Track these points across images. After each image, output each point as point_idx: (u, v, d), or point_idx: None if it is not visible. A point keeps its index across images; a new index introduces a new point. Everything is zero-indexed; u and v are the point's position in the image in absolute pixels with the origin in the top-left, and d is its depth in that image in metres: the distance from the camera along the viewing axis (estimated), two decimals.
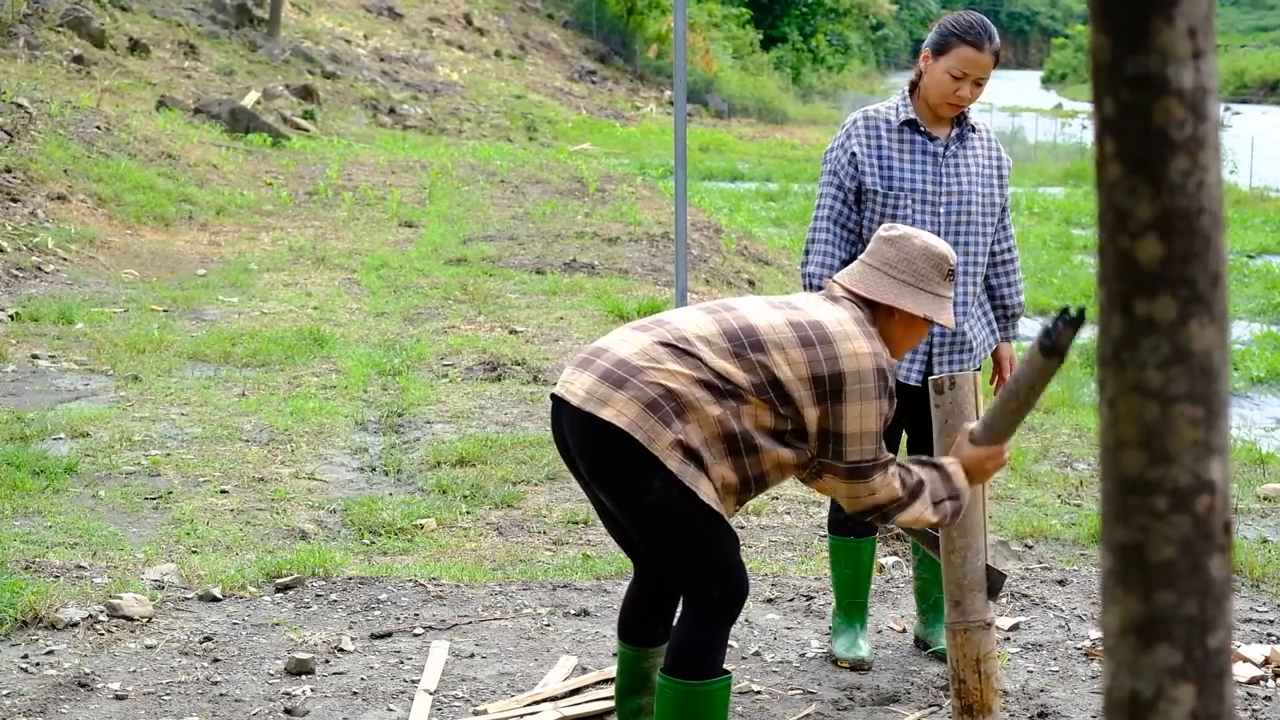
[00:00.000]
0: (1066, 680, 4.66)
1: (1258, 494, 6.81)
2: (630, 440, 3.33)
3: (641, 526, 3.44)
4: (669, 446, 3.33)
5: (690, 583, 3.48)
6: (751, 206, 20.05)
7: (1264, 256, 16.30)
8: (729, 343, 3.43)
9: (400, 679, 4.52)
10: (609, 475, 3.40)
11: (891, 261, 3.61)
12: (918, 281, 3.60)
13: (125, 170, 15.13)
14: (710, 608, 3.46)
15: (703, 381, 3.38)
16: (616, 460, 3.36)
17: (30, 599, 4.83)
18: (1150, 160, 1.34)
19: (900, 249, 3.62)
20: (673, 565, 3.50)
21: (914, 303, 3.59)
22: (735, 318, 3.50)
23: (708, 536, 3.42)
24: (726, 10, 47.58)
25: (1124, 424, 1.37)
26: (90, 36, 21.23)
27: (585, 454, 3.44)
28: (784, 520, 6.26)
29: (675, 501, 3.35)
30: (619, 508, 3.45)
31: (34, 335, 9.19)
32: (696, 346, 3.42)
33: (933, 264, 3.61)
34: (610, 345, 3.51)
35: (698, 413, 3.36)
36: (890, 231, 3.68)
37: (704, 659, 3.48)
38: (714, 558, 3.45)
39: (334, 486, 6.55)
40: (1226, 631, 1.39)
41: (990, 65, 4.53)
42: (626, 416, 3.34)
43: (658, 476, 3.33)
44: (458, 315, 10.63)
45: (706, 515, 3.39)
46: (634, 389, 3.36)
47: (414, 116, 27.19)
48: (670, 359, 3.40)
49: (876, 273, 3.61)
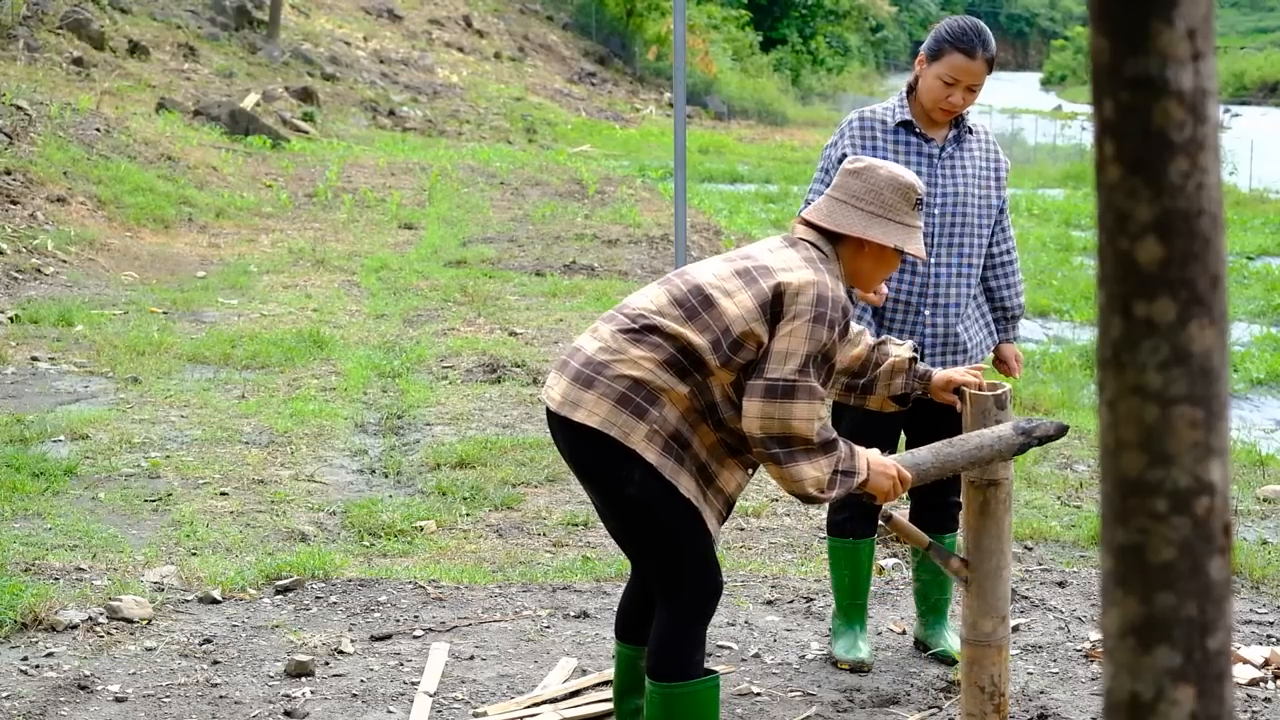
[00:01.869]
0: (1066, 682, 4.66)
1: (1257, 496, 6.81)
2: (606, 438, 3.39)
3: (624, 521, 3.50)
4: (645, 438, 3.38)
5: (665, 579, 3.51)
6: (751, 208, 20.05)
7: (1263, 258, 16.30)
8: (680, 309, 3.46)
9: (400, 681, 4.52)
10: (593, 472, 3.47)
11: (858, 193, 3.60)
12: (885, 212, 3.58)
13: (125, 172, 15.13)
14: (683, 606, 3.49)
15: (667, 362, 3.41)
16: (598, 457, 3.43)
17: (30, 601, 4.83)
18: (1150, 162, 1.34)
19: (866, 180, 3.60)
20: (650, 560, 3.54)
21: (883, 233, 3.57)
22: (684, 281, 3.53)
23: (684, 533, 3.45)
24: (726, 12, 47.60)
25: (1124, 426, 1.37)
26: (90, 39, 21.24)
27: (570, 454, 3.52)
28: (784, 522, 6.26)
29: (655, 495, 3.40)
30: (605, 504, 3.52)
31: (34, 337, 9.19)
32: (654, 320, 3.45)
33: (900, 193, 3.59)
34: (581, 344, 3.56)
35: (668, 394, 3.41)
36: (855, 164, 3.66)
37: (682, 659, 3.50)
38: (689, 554, 3.48)
39: (334, 488, 6.55)
40: (1226, 633, 1.39)
41: (983, 73, 4.53)
42: (598, 415, 3.39)
43: (637, 469, 3.38)
44: (457, 317, 10.63)
45: (686, 511, 3.43)
46: (602, 386, 3.41)
47: (413, 118, 27.20)
48: (632, 345, 3.44)
49: (843, 205, 3.60)
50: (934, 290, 4.55)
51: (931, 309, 4.56)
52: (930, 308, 4.56)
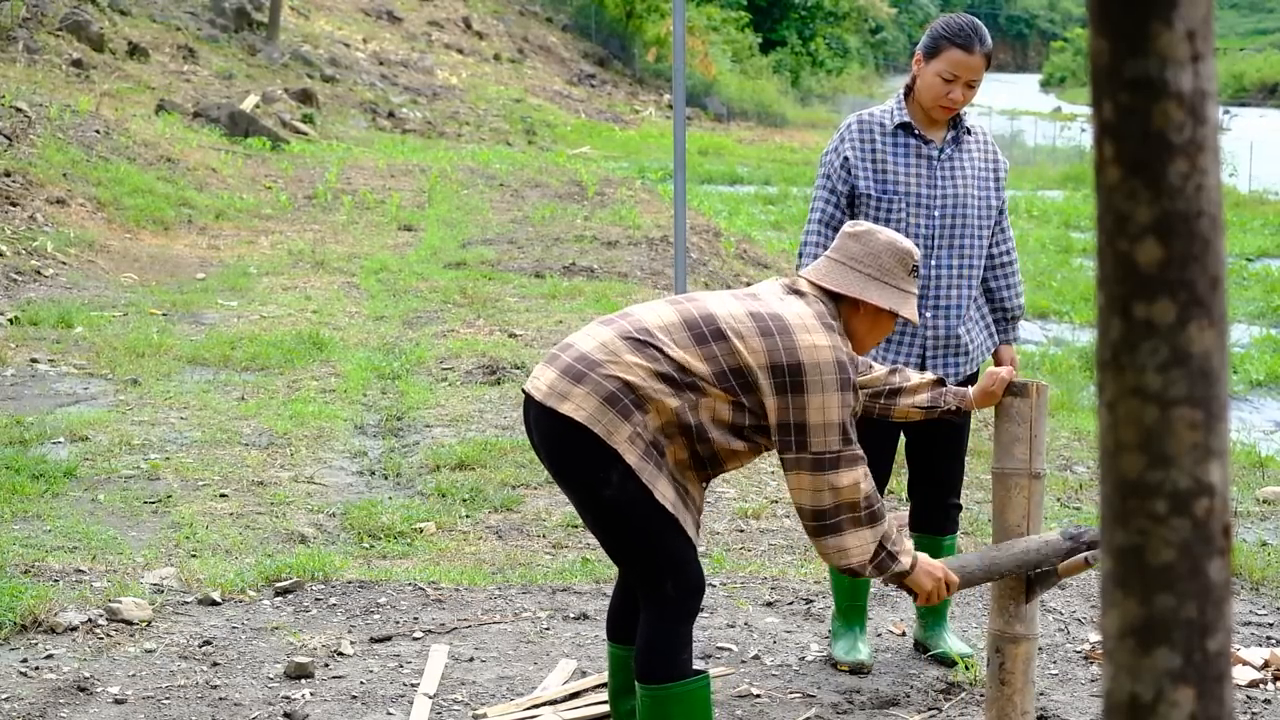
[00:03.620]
0: (1066, 683, 4.66)
1: (1257, 497, 6.81)
2: (589, 433, 3.39)
3: (599, 522, 3.50)
4: (628, 440, 3.39)
5: (646, 579, 3.52)
6: (750, 210, 20.06)
7: (1263, 259, 16.30)
8: (689, 331, 3.48)
9: (400, 683, 4.52)
10: (569, 468, 3.47)
11: (856, 256, 3.64)
12: (882, 275, 3.62)
13: (124, 174, 15.13)
14: (666, 604, 3.49)
15: (661, 374, 3.42)
16: (577, 453, 3.43)
17: (29, 603, 4.83)
18: (1149, 163, 1.34)
19: (865, 244, 3.65)
20: (629, 561, 3.55)
21: (879, 296, 3.61)
22: (696, 307, 3.55)
23: (662, 535, 3.46)
24: (725, 14, 47.60)
25: (1123, 427, 1.37)
26: (89, 40, 21.24)
27: (548, 448, 3.51)
28: (784, 524, 6.26)
29: (632, 498, 3.40)
30: (579, 502, 3.52)
31: (33, 339, 9.19)
32: (657, 337, 3.47)
33: (897, 259, 3.64)
34: (575, 340, 3.56)
35: (655, 404, 3.41)
36: (855, 228, 3.71)
37: (668, 658, 3.50)
38: (668, 554, 3.48)
39: (333, 490, 6.55)
40: (1226, 634, 1.39)
41: (981, 67, 4.53)
42: (585, 410, 3.40)
43: (615, 470, 3.39)
44: (457, 319, 10.63)
45: (662, 514, 3.44)
46: (592, 383, 3.42)
47: (413, 120, 27.20)
48: (629, 351, 3.45)
49: (842, 267, 3.64)
50: (935, 292, 4.55)
51: (933, 311, 4.56)
52: (932, 310, 4.56)
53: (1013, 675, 3.62)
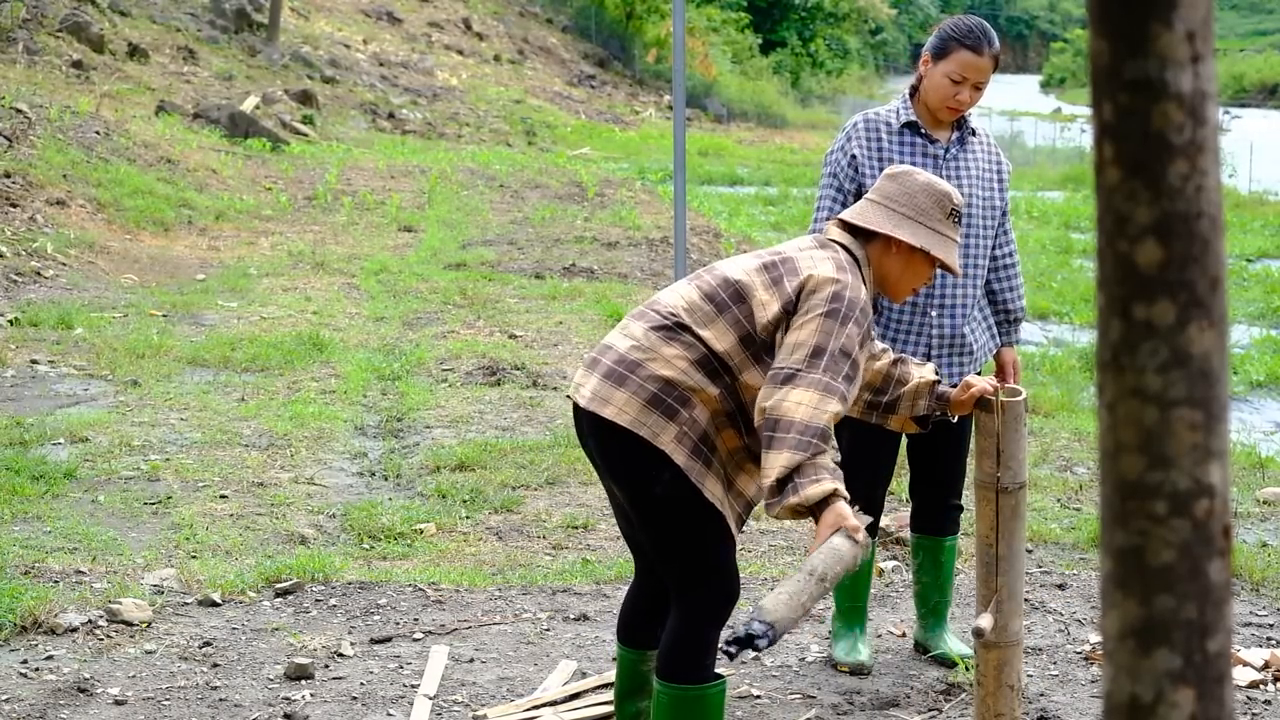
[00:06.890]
0: (1066, 684, 4.66)
1: (1257, 498, 6.81)
2: (636, 438, 3.39)
3: (647, 520, 3.49)
4: (674, 439, 3.39)
5: (684, 578, 3.51)
6: (751, 211, 20.04)
7: (1263, 260, 16.29)
8: (711, 304, 3.48)
9: (400, 684, 4.52)
10: (620, 470, 3.48)
11: (892, 195, 3.64)
12: (917, 215, 3.61)
13: (124, 175, 15.14)
14: (699, 605, 3.49)
15: (698, 361, 3.43)
16: (626, 456, 3.43)
17: (29, 604, 4.83)
18: (1149, 164, 1.34)
19: (901, 183, 3.66)
20: (670, 560, 3.53)
21: (911, 234, 3.59)
22: (714, 276, 3.55)
23: (707, 536, 3.46)
24: (725, 15, 47.59)
25: (1123, 428, 1.37)
26: (89, 41, 21.24)
27: (599, 451, 3.52)
28: (784, 524, 6.26)
29: (681, 497, 3.40)
30: (629, 502, 3.51)
31: (33, 340, 9.19)
32: (685, 318, 3.47)
33: (934, 199, 3.63)
34: (613, 341, 3.56)
35: (699, 394, 3.42)
36: (894, 169, 3.72)
37: (694, 660, 3.49)
38: (710, 556, 3.48)
39: (333, 491, 6.55)
40: (1226, 635, 1.39)
41: (989, 70, 4.53)
42: (629, 414, 3.40)
43: (666, 469, 3.39)
44: (457, 320, 10.63)
45: (709, 513, 3.44)
46: (633, 385, 3.42)
47: (413, 121, 27.20)
48: (664, 344, 3.45)
49: (876, 206, 3.65)
50: (941, 292, 4.55)
51: (938, 310, 4.56)
52: (937, 309, 4.56)
53: (985, 678, 3.62)
